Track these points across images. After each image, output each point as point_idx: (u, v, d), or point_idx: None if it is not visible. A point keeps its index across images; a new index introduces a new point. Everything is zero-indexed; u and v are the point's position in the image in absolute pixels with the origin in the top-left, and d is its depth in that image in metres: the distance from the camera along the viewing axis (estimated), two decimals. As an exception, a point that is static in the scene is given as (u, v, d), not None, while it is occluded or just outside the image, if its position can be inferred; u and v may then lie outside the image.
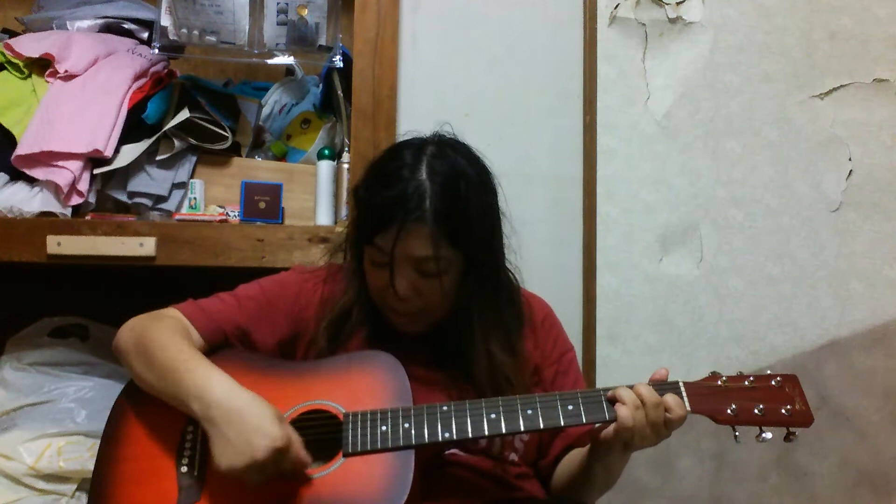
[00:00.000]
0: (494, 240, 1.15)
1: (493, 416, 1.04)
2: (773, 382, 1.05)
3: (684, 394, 1.04)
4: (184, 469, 1.05)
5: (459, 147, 1.13)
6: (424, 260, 1.06)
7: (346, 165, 1.58)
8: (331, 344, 1.15)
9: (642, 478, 1.71)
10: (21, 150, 1.48)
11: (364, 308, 1.17)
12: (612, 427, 1.03)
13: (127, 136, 1.54)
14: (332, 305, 1.18)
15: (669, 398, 1.02)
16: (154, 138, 1.54)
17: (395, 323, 1.15)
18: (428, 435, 1.02)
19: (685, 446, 1.71)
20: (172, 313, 1.15)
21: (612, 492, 1.25)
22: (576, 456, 1.18)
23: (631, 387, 1.03)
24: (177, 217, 1.54)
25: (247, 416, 0.96)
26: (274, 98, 1.72)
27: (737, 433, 1.04)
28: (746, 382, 1.06)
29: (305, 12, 1.55)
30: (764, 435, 1.02)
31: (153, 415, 1.11)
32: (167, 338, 1.08)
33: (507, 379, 1.13)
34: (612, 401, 1.04)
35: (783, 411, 1.03)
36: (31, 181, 1.50)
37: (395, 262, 1.06)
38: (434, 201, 1.04)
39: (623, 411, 1.01)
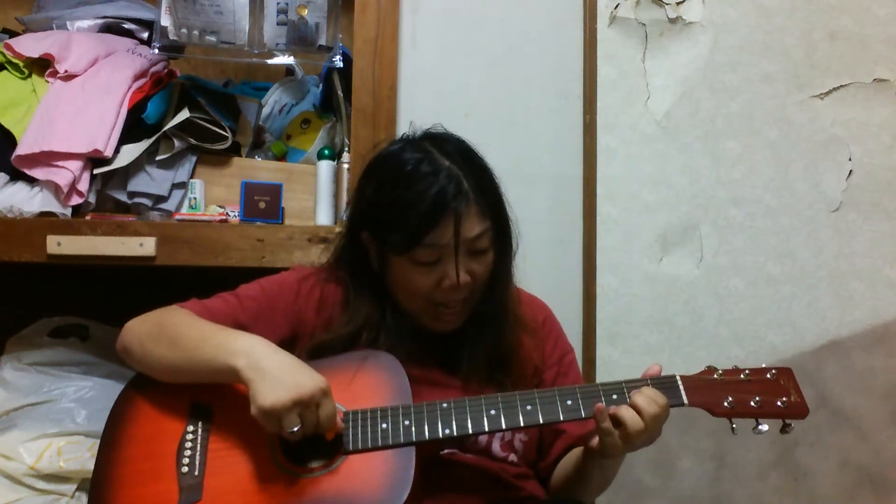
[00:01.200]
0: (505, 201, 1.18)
1: (492, 412, 1.04)
2: (768, 375, 1.07)
3: (681, 387, 1.06)
4: (184, 470, 1.05)
5: (443, 131, 1.17)
6: (478, 237, 1.09)
7: (346, 165, 1.58)
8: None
9: (643, 478, 1.71)
10: (21, 150, 1.48)
11: (379, 327, 1.16)
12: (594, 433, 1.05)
13: (127, 136, 1.54)
14: (327, 338, 1.17)
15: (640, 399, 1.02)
16: (154, 138, 1.54)
17: (441, 321, 1.15)
18: (428, 432, 1.03)
19: (685, 447, 1.71)
20: (178, 309, 1.15)
21: (612, 492, 1.25)
22: (572, 455, 1.19)
23: (630, 383, 1.05)
24: (177, 217, 1.54)
25: (294, 365, 1.01)
26: (274, 98, 1.72)
27: (734, 425, 1.05)
28: (742, 376, 1.08)
29: (305, 12, 1.55)
30: (760, 427, 1.04)
31: (153, 415, 1.11)
32: (190, 319, 1.11)
33: (516, 336, 1.18)
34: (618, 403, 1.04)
35: (779, 403, 1.04)
36: (31, 181, 1.50)
37: (456, 251, 1.08)
38: (469, 179, 1.08)
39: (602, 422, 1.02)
